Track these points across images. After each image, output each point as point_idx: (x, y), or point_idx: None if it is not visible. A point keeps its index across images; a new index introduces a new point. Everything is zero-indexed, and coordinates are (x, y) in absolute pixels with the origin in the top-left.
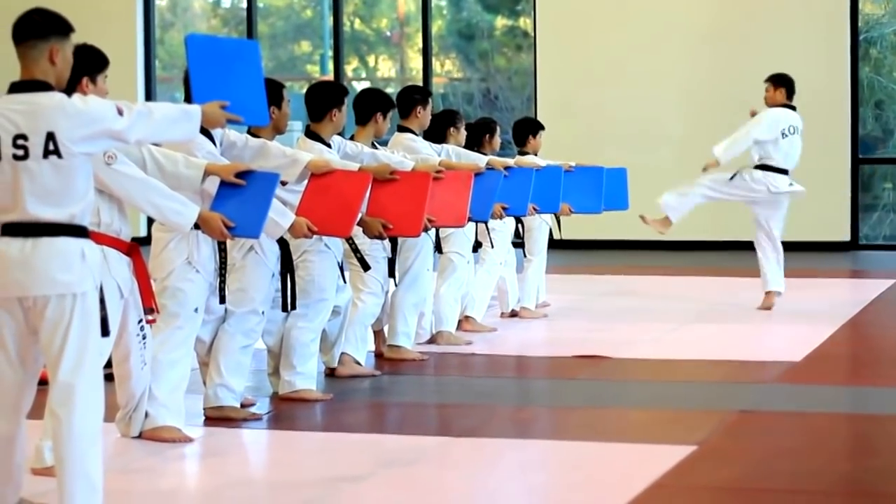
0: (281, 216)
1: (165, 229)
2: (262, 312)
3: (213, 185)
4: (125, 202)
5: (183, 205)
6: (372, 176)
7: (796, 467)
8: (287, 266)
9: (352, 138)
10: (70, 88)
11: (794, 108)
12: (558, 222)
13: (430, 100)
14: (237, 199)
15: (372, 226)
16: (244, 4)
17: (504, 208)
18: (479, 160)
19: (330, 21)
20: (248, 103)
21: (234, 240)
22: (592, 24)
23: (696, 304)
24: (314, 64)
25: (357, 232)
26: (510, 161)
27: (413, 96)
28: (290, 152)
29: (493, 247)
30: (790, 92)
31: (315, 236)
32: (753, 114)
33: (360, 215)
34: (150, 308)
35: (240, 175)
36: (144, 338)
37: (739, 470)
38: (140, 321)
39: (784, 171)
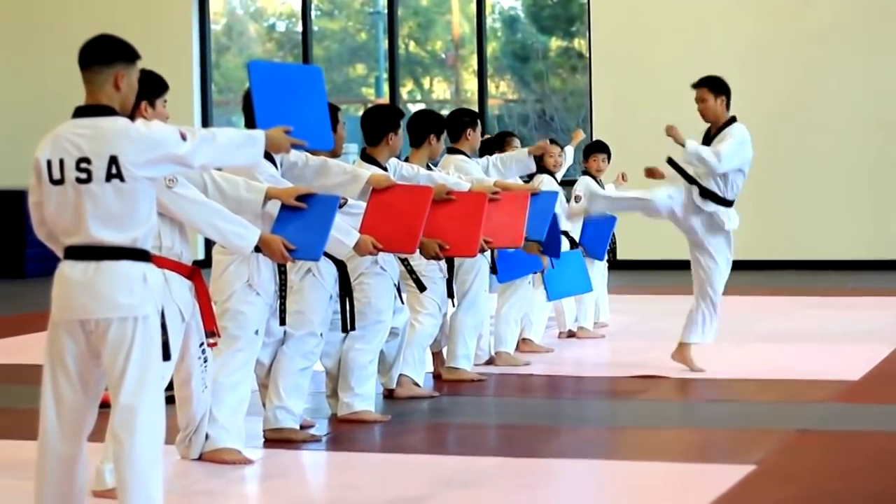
0: (345, 235)
1: (226, 252)
2: (321, 334)
3: (274, 208)
4: (186, 225)
5: (244, 228)
6: (433, 189)
7: (854, 487)
8: (345, 288)
9: (406, 160)
10: (130, 114)
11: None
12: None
13: (479, 122)
14: (298, 221)
15: (428, 247)
16: (299, 28)
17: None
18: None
19: (385, 44)
20: (313, 127)
21: (294, 262)
22: (647, 45)
23: (752, 324)
24: (369, 87)
25: (413, 253)
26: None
27: (463, 119)
28: (351, 169)
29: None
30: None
31: (371, 258)
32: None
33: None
34: (211, 331)
35: (301, 198)
36: (206, 361)
37: (797, 490)
38: (202, 344)
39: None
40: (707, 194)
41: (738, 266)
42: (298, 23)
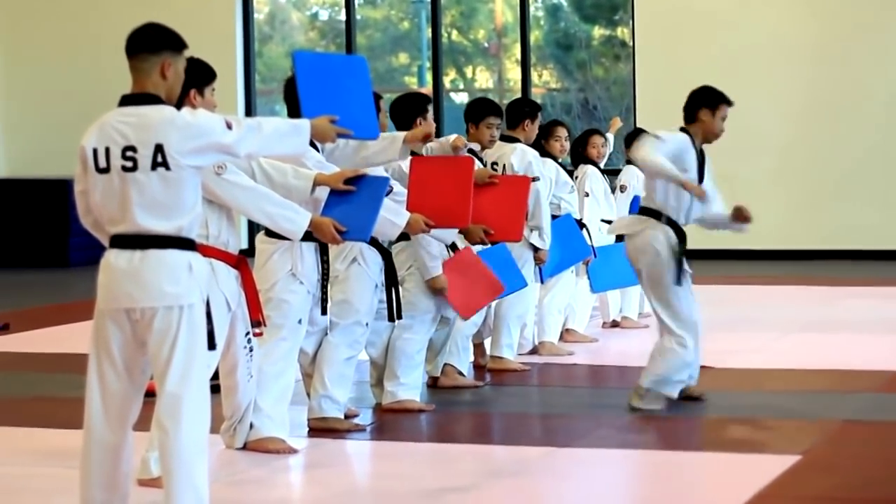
0: (395, 215)
1: (270, 241)
2: (366, 324)
3: (322, 193)
4: (236, 212)
5: (295, 212)
6: (473, 160)
7: None
8: (391, 277)
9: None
10: (178, 102)
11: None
12: None
13: (539, 115)
14: (347, 204)
15: (474, 233)
16: (342, 17)
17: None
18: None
19: (428, 33)
20: (358, 117)
21: (342, 244)
22: (691, 34)
23: (797, 314)
24: (412, 76)
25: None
26: None
27: (523, 108)
28: (387, 135)
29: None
30: None
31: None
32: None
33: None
34: (257, 321)
35: (349, 181)
36: (251, 350)
37: (843, 480)
38: (247, 334)
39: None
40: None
41: (779, 256)
42: (341, 11)
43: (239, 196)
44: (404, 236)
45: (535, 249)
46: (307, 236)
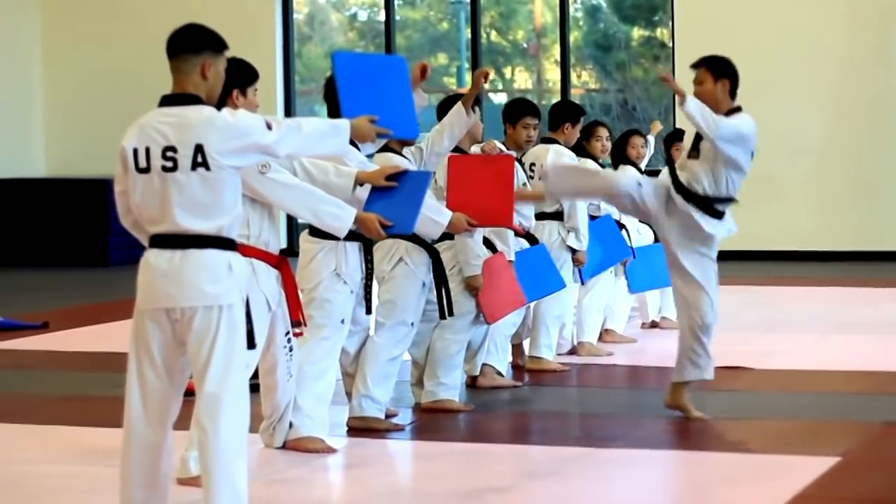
0: (437, 214)
1: (314, 240)
2: (412, 324)
3: (363, 192)
4: (280, 210)
5: (339, 208)
6: (513, 158)
7: None
8: (440, 276)
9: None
10: (221, 101)
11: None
12: None
13: (581, 119)
14: (389, 199)
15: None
16: (381, 17)
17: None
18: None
19: (467, 33)
20: (398, 117)
21: (386, 240)
22: (731, 35)
23: (837, 315)
24: (451, 76)
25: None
26: None
27: (565, 112)
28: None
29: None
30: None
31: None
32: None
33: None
34: (297, 321)
35: (390, 178)
36: (291, 350)
37: (883, 482)
38: (287, 333)
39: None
40: (686, 192)
41: (819, 257)
42: (380, 12)
43: (283, 194)
44: (447, 236)
45: (573, 251)
46: (351, 236)
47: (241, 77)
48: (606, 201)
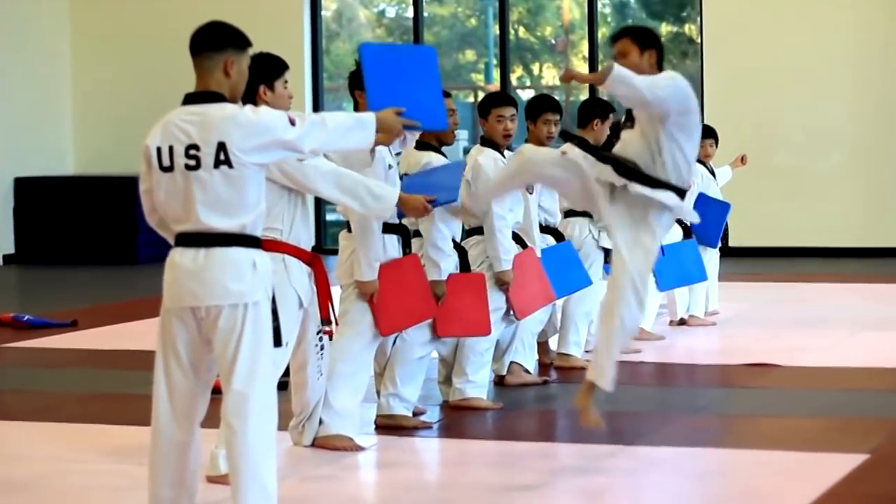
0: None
1: (352, 237)
2: None
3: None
4: (320, 196)
5: (381, 188)
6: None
7: None
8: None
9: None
10: (247, 97)
11: None
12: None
13: (610, 115)
14: (426, 178)
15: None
16: (409, 14)
17: None
18: None
19: (495, 29)
20: (426, 108)
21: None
22: (759, 30)
23: (867, 312)
24: (479, 72)
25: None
26: None
27: (595, 109)
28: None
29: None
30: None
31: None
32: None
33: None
34: (327, 319)
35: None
36: (322, 348)
37: None
38: (318, 331)
39: None
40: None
41: (849, 254)
42: (409, 8)
43: (322, 181)
44: (477, 230)
45: (606, 252)
46: (389, 228)
47: (267, 72)
48: (551, 188)
